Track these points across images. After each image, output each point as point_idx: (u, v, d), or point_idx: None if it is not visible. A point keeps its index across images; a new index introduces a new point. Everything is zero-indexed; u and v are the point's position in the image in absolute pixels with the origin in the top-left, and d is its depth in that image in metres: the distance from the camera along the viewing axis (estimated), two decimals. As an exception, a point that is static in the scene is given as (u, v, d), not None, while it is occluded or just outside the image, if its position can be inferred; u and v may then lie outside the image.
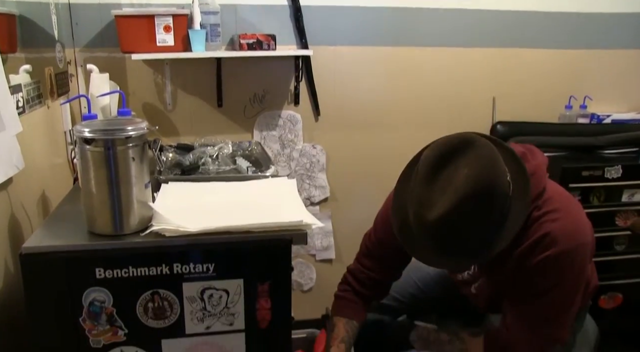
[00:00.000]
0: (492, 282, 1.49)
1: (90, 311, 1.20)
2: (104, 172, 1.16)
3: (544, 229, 1.32)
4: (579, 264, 1.33)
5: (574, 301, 1.38)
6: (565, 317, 1.38)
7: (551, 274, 1.32)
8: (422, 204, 1.26)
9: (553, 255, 1.30)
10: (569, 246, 1.31)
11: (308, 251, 2.67)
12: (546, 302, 1.35)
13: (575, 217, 1.36)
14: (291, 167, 2.53)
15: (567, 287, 1.35)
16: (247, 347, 1.32)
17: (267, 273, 1.27)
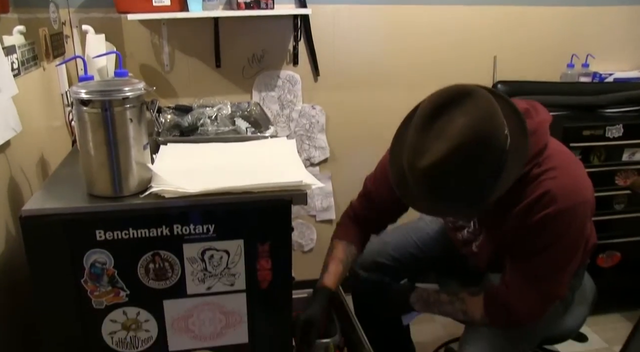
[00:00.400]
0: (493, 239, 1.50)
1: (92, 273, 1.21)
2: (102, 134, 1.15)
3: (543, 187, 1.32)
4: (577, 223, 1.33)
5: (573, 259, 1.38)
6: (563, 275, 1.39)
7: (550, 232, 1.33)
8: (415, 151, 1.25)
9: (552, 213, 1.30)
10: (568, 204, 1.31)
11: (308, 211, 2.68)
12: (545, 260, 1.36)
13: (575, 175, 1.36)
14: (290, 128, 2.51)
15: (566, 245, 1.35)
16: (248, 307, 1.33)
17: (267, 233, 1.27)
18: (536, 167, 1.33)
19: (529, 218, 1.33)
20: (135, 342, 1.30)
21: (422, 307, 1.63)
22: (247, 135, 1.66)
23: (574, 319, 1.68)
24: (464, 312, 1.53)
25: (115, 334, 1.28)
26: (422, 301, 1.63)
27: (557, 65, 2.65)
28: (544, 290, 1.39)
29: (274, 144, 1.55)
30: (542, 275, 1.38)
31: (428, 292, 1.63)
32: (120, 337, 1.29)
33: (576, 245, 1.37)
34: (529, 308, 1.42)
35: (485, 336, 1.49)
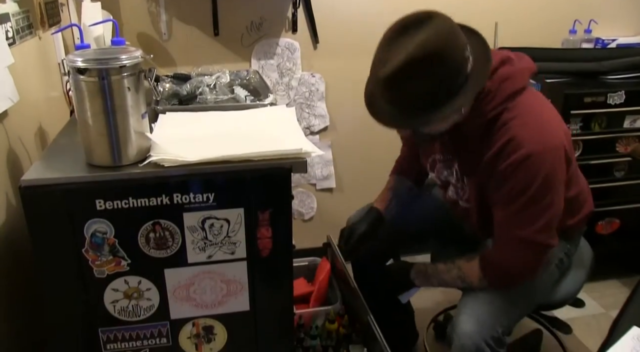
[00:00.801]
0: (476, 190, 1.51)
1: (93, 242, 1.21)
2: (100, 103, 1.14)
3: (510, 133, 1.35)
4: (547, 168, 1.35)
5: (551, 203, 1.39)
6: (545, 222, 1.39)
7: (519, 178, 1.35)
8: (377, 64, 1.31)
9: (518, 159, 1.33)
10: (536, 149, 1.33)
11: (308, 180, 2.68)
12: (521, 207, 1.37)
13: (545, 122, 1.38)
14: (290, 96, 2.49)
15: (538, 191, 1.36)
16: (249, 276, 1.34)
17: (268, 202, 1.27)
18: (506, 112, 1.36)
19: (499, 164, 1.37)
20: (137, 310, 1.31)
21: (422, 280, 1.65)
22: (246, 103, 1.64)
23: (571, 284, 1.70)
24: (461, 278, 1.54)
25: (117, 303, 1.29)
26: (422, 274, 1.65)
27: (559, 32, 2.61)
28: (531, 240, 1.40)
29: (273, 112, 1.54)
30: (522, 223, 1.39)
31: (425, 265, 1.65)
32: (122, 306, 1.29)
33: (550, 191, 1.38)
34: (523, 262, 1.43)
35: (481, 302, 1.51)
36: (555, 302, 1.69)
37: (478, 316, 1.48)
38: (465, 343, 1.45)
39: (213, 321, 1.37)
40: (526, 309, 1.59)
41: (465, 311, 1.51)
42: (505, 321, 1.49)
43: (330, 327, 1.77)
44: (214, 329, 1.38)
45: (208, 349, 1.40)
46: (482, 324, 1.46)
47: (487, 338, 1.45)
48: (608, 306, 2.49)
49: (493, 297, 1.51)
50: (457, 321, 1.51)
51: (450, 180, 1.62)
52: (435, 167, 1.65)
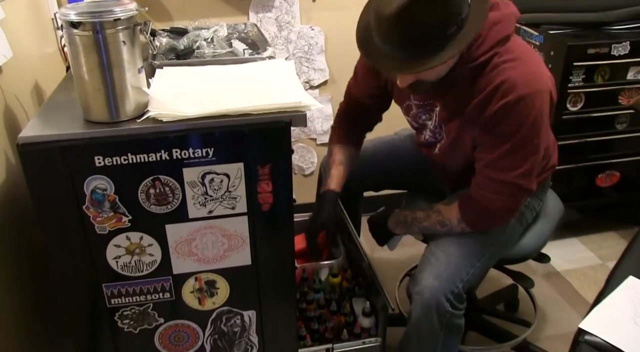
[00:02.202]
0: (456, 137, 1.50)
1: (93, 199, 1.21)
2: (95, 58, 1.12)
3: (503, 75, 1.34)
4: (536, 111, 1.35)
5: (537, 148, 1.40)
6: (529, 165, 1.40)
7: (510, 121, 1.35)
8: (381, 2, 1.27)
9: (511, 100, 1.33)
10: (527, 92, 1.33)
11: (308, 134, 2.66)
12: (508, 150, 1.38)
13: (534, 66, 1.39)
14: (289, 50, 2.45)
15: (526, 133, 1.36)
16: (250, 230, 1.34)
17: (267, 156, 1.26)
18: (497, 56, 1.35)
19: (489, 107, 1.36)
20: (140, 266, 1.32)
21: (402, 229, 1.66)
22: (244, 57, 1.62)
23: (534, 238, 1.69)
24: (441, 222, 1.55)
25: (120, 259, 1.30)
26: (401, 223, 1.66)
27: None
28: (512, 182, 1.41)
29: (272, 66, 1.52)
30: (508, 166, 1.40)
31: (404, 214, 1.66)
32: (125, 262, 1.30)
33: (537, 135, 1.38)
34: (502, 202, 1.44)
35: (442, 258, 1.52)
36: (518, 257, 1.69)
37: (438, 272, 1.49)
38: (425, 299, 1.47)
39: (215, 276, 1.38)
40: (487, 263, 1.59)
41: (425, 268, 1.52)
42: (466, 276, 1.50)
43: (333, 281, 1.78)
44: (216, 284, 1.40)
45: (211, 303, 1.42)
46: (442, 279, 1.47)
47: (448, 293, 1.47)
48: (605, 257, 2.51)
49: (453, 252, 1.52)
50: (417, 277, 1.52)
51: (428, 124, 1.60)
52: (410, 111, 1.63)
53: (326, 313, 1.70)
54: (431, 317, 1.47)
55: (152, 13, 2.22)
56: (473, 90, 1.38)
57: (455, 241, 1.54)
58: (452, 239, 1.55)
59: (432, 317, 1.47)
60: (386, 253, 1.90)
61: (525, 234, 1.68)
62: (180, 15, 2.28)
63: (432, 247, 1.57)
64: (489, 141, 1.41)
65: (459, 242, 1.53)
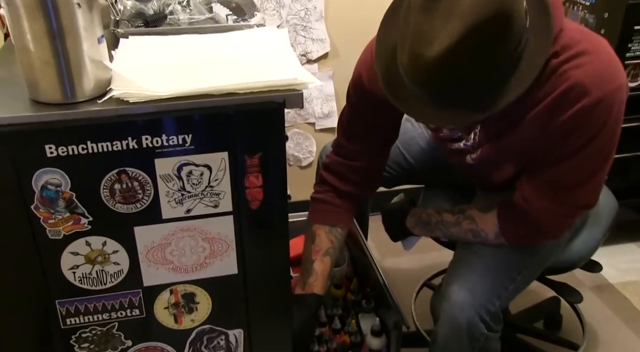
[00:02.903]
0: (496, 151, 1.47)
1: (44, 197, 1.19)
2: (42, 24, 1.09)
3: (569, 79, 1.28)
4: (615, 112, 1.31)
5: (608, 157, 1.37)
6: (597, 181, 1.38)
7: (585, 130, 1.31)
8: (420, 38, 1.17)
9: (587, 106, 1.27)
10: (603, 93, 1.28)
11: (306, 118, 2.66)
12: (578, 164, 1.34)
13: (604, 57, 1.32)
14: (282, 16, 2.45)
15: (603, 141, 1.33)
16: (237, 232, 1.33)
17: (256, 144, 1.25)
18: (553, 57, 1.29)
19: (556, 118, 1.30)
20: (103, 277, 1.30)
21: (423, 231, 1.65)
22: (227, 24, 1.61)
23: (582, 243, 1.68)
24: (474, 232, 1.53)
25: (77, 269, 1.28)
26: (422, 223, 1.64)
27: None
28: (574, 200, 1.39)
29: (261, 35, 1.52)
30: (572, 183, 1.37)
31: (428, 213, 1.63)
32: (84, 272, 1.29)
33: (613, 141, 1.35)
34: (554, 222, 1.42)
35: (476, 269, 1.50)
36: (563, 265, 1.68)
37: (472, 286, 1.46)
38: (456, 318, 1.44)
39: (194, 288, 1.38)
40: (530, 277, 1.57)
41: (455, 280, 1.49)
42: (504, 293, 1.49)
43: (336, 293, 1.78)
44: (195, 297, 1.39)
45: (189, 321, 1.41)
46: (476, 295, 1.45)
47: (482, 312, 1.44)
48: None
49: (491, 263, 1.50)
50: (445, 292, 1.49)
51: (463, 140, 1.55)
52: (440, 132, 1.59)
53: (328, 332, 1.69)
54: (461, 341, 1.45)
55: (116, -28, 2.19)
56: (526, 102, 1.32)
57: (491, 249, 1.52)
58: (487, 245, 1.52)
59: (463, 340, 1.45)
60: (399, 259, 1.89)
61: (572, 237, 1.66)
62: (150, -25, 2.25)
63: (462, 253, 1.55)
64: (552, 156, 1.36)
65: (497, 251, 1.51)
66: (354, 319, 1.72)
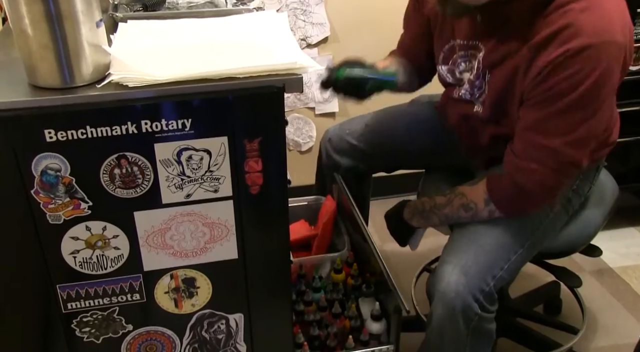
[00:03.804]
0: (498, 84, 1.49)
1: (44, 182, 1.19)
2: (40, 8, 1.08)
3: (567, 17, 1.32)
4: (605, 65, 1.32)
5: (595, 113, 1.37)
6: (582, 132, 1.38)
7: (569, 71, 1.32)
8: None
9: (575, 48, 1.30)
10: (595, 41, 1.30)
11: (306, 103, 2.65)
12: (561, 107, 1.35)
13: (610, 12, 1.34)
14: (281, 0, 2.44)
15: (588, 90, 1.33)
16: (237, 217, 1.33)
17: (256, 128, 1.24)
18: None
19: (545, 54, 1.34)
20: (103, 261, 1.30)
21: (420, 220, 1.66)
22: (227, 8, 1.61)
23: (581, 228, 1.68)
24: (464, 206, 1.53)
25: (78, 254, 1.28)
26: (418, 213, 1.65)
27: None
28: (559, 150, 1.38)
29: (260, 19, 1.52)
30: (556, 129, 1.38)
31: (422, 201, 1.65)
32: (84, 257, 1.29)
33: (598, 97, 1.36)
34: (541, 177, 1.41)
35: (469, 249, 1.51)
36: (561, 249, 1.68)
37: (465, 266, 1.47)
38: (449, 298, 1.45)
39: (195, 272, 1.38)
40: (524, 257, 1.57)
41: (449, 260, 1.50)
42: (499, 272, 1.49)
43: (336, 278, 1.78)
44: (196, 282, 1.39)
45: (190, 305, 1.41)
46: (470, 275, 1.46)
47: (476, 292, 1.45)
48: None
49: (484, 243, 1.51)
50: (439, 272, 1.50)
51: (465, 77, 1.59)
52: (451, 58, 1.62)
53: (328, 316, 1.70)
54: (456, 321, 1.46)
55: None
56: (528, 32, 1.36)
57: (486, 228, 1.52)
58: (482, 225, 1.52)
59: (458, 320, 1.46)
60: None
61: (571, 221, 1.67)
62: (149, -41, 2.24)
63: (457, 235, 1.56)
64: (537, 96, 1.38)
65: (491, 230, 1.52)
66: (354, 304, 1.72)
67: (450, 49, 1.61)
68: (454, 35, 1.59)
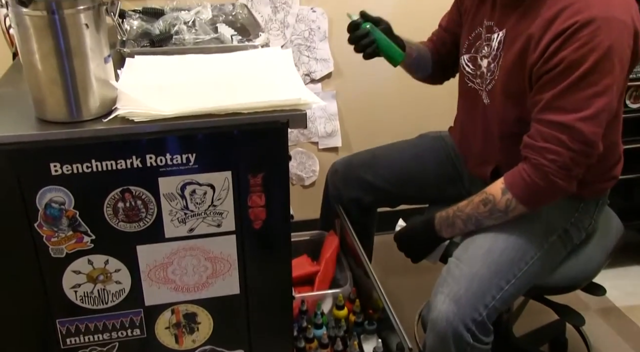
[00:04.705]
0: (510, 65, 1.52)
1: (48, 215, 1.20)
2: (50, 44, 1.11)
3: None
4: (613, 41, 1.35)
5: (606, 91, 1.38)
6: (595, 109, 1.38)
7: (577, 43, 1.35)
8: None
9: (582, 20, 1.34)
10: (603, 15, 1.34)
11: (309, 137, 2.66)
12: (572, 82, 1.37)
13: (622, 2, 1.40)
14: (286, 36, 2.46)
15: (597, 63, 1.35)
16: (239, 252, 1.33)
17: (260, 163, 1.25)
18: None
19: (556, 25, 1.38)
20: (104, 296, 1.30)
21: (448, 229, 1.64)
22: (232, 44, 1.63)
23: (582, 264, 1.67)
24: (483, 200, 1.53)
25: (79, 288, 1.28)
26: (445, 221, 1.63)
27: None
28: (573, 125, 1.39)
29: (265, 55, 1.53)
30: (569, 105, 1.39)
31: (445, 210, 1.64)
32: (85, 291, 1.29)
33: (609, 72, 1.37)
34: (556, 155, 1.41)
35: (461, 279, 1.50)
36: (561, 285, 1.66)
37: (457, 295, 1.47)
38: (441, 327, 1.45)
39: (196, 307, 1.37)
40: (518, 288, 1.55)
41: (441, 290, 1.51)
42: (491, 301, 1.48)
43: (338, 315, 1.77)
44: (197, 317, 1.38)
45: (190, 341, 1.41)
46: (461, 304, 1.46)
47: (468, 321, 1.45)
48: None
49: (476, 271, 1.50)
50: (432, 302, 1.50)
51: (484, 63, 1.63)
52: (474, 45, 1.67)
53: (330, 353, 1.68)
54: (448, 351, 1.46)
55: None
56: (540, 8, 1.42)
57: (479, 256, 1.53)
58: (475, 254, 1.53)
59: (450, 350, 1.46)
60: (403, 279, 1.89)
61: (572, 257, 1.65)
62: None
63: (450, 263, 1.56)
64: (549, 72, 1.40)
65: (484, 258, 1.52)
66: (356, 341, 1.70)
67: (476, 36, 1.66)
68: (481, 21, 1.64)
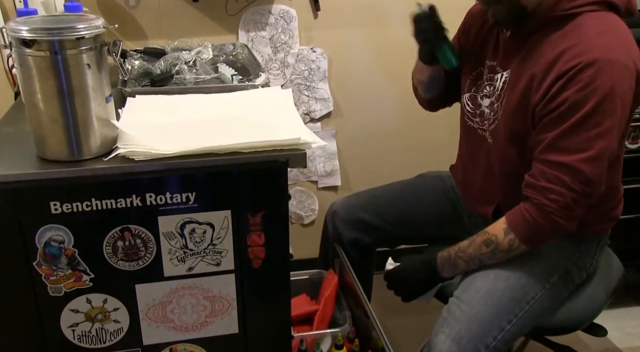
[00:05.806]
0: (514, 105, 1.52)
1: (47, 253, 1.20)
2: (53, 84, 1.12)
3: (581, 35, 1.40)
4: (614, 83, 1.36)
5: (608, 132, 1.39)
6: (597, 150, 1.39)
7: (580, 85, 1.36)
8: None
9: (584, 61, 1.36)
10: (605, 56, 1.36)
11: (309, 176, 2.66)
12: (574, 123, 1.38)
13: (624, 39, 1.42)
14: (286, 76, 2.47)
15: (599, 105, 1.36)
16: (238, 291, 1.33)
17: (259, 202, 1.26)
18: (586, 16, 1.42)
19: (559, 65, 1.39)
20: (102, 335, 1.30)
21: (449, 269, 1.63)
22: (232, 84, 1.64)
23: (584, 304, 1.66)
24: (486, 242, 1.54)
25: (77, 327, 1.28)
26: (446, 261, 1.63)
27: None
28: (574, 166, 1.39)
29: (265, 95, 1.54)
30: (571, 146, 1.40)
31: (447, 250, 1.64)
32: (83, 330, 1.28)
33: (610, 114, 1.38)
34: (558, 195, 1.41)
35: (462, 319, 1.50)
36: (562, 326, 1.66)
37: (458, 335, 1.47)
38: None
39: (195, 347, 1.37)
40: (519, 328, 1.55)
41: (442, 330, 1.50)
42: (492, 342, 1.48)
43: (337, 354, 1.76)
44: (195, 357, 1.38)
45: (189, 381, 1.40)
46: (462, 345, 1.46)
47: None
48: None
49: (477, 311, 1.50)
50: (432, 342, 1.50)
51: (485, 102, 1.63)
52: (475, 84, 1.67)
53: (329, 394, 1.67)
54: None
55: (121, 29, 2.25)
56: (545, 48, 1.44)
57: (480, 296, 1.52)
58: (476, 294, 1.53)
59: None
60: (403, 319, 1.88)
61: (573, 297, 1.65)
62: (156, 34, 2.31)
63: (451, 303, 1.56)
64: (551, 112, 1.41)
65: (485, 298, 1.52)
66: (355, 381, 1.70)
67: (477, 76, 1.67)
68: (483, 61, 1.65)
